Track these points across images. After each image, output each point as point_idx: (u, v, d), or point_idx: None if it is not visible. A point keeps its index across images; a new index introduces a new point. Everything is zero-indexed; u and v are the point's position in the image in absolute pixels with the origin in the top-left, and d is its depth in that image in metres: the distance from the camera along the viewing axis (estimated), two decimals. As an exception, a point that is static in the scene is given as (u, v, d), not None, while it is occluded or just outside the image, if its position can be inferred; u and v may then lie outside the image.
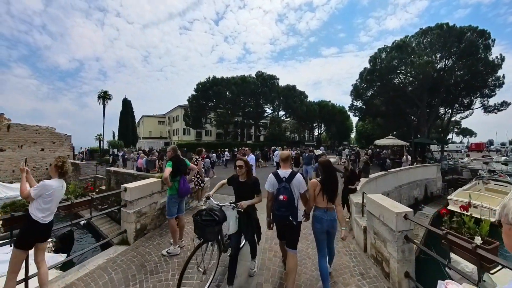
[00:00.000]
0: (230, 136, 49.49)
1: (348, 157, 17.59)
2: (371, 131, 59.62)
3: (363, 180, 8.78)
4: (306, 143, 46.86)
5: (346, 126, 65.20)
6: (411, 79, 27.46)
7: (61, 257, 7.03)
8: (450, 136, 35.98)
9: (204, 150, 15.71)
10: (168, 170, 4.75)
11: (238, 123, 46.89)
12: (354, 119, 70.27)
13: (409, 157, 18.60)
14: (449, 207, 13.19)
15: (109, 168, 18.01)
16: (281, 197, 3.44)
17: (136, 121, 62.11)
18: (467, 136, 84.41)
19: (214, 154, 20.41)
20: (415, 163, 19.39)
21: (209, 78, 38.07)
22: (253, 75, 39.71)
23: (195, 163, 8.02)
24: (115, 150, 31.73)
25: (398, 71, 26.48)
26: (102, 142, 45.60)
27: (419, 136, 29.65)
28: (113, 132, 53.54)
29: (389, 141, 24.15)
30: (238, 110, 41.98)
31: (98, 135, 46.18)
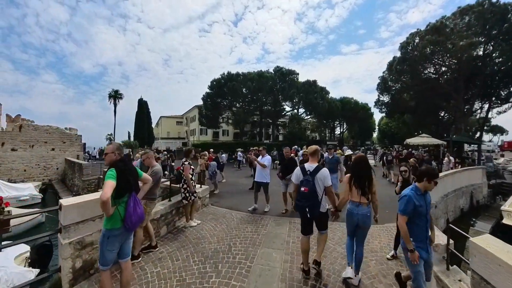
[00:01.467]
0: (247, 136, 47.86)
1: (383, 158, 15.30)
2: (395, 129, 56.14)
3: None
4: (328, 143, 43.96)
5: (369, 125, 62.16)
6: (447, 67, 24.35)
7: (31, 274, 6.46)
8: (478, 134, 32.47)
9: (211, 150, 13.72)
10: (108, 186, 2.70)
11: (256, 122, 44.98)
12: (377, 118, 67.06)
13: (451, 158, 15.75)
14: (505, 221, 10.57)
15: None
16: (302, 189, 3.68)
17: (155, 122, 62.72)
18: (498, 134, 77.80)
19: (224, 155, 18.25)
20: (456, 166, 16.60)
21: (224, 74, 36.05)
22: (271, 70, 37.48)
23: (182, 168, 6.05)
24: (129, 150, 30.84)
25: (434, 58, 23.39)
26: (112, 141, 44.23)
27: (450, 135, 26.60)
28: (128, 133, 53.75)
29: (423, 139, 21.13)
30: (256, 109, 39.81)
31: (108, 134, 46.33)
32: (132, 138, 48.11)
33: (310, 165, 3.81)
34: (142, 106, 48.97)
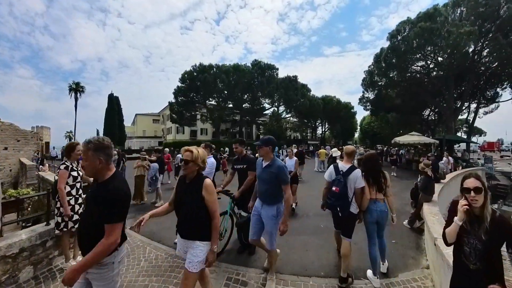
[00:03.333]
0: (226, 135, 45.60)
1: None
2: (378, 129, 55.35)
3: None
4: (309, 142, 42.15)
5: (351, 125, 60.79)
6: (437, 62, 22.59)
7: None
8: (460, 134, 31.40)
9: (166, 150, 11.61)
10: None
11: (236, 121, 42.59)
12: (359, 118, 66.21)
13: (450, 158, 13.89)
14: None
15: (38, 173, 14.43)
16: (333, 188, 3.67)
17: (132, 120, 59.85)
18: (476, 136, 79.75)
19: (179, 155, 15.36)
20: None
21: (196, 65, 32.78)
22: (249, 64, 34.72)
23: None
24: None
25: (426, 50, 21.47)
26: (72, 140, 40.89)
27: (438, 134, 25.26)
28: (97, 130, 50.90)
29: (413, 138, 19.19)
30: (235, 106, 37.33)
31: (68, 132, 42.71)
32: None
33: (344, 165, 3.81)
34: (113, 102, 46.77)
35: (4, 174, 22.86)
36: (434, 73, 23.60)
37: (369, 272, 3.76)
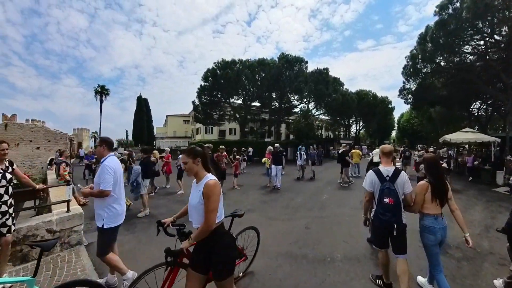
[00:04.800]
0: (254, 135, 43.98)
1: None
2: (418, 126, 50.58)
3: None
4: (342, 141, 38.69)
5: (388, 122, 55.83)
6: (498, 38, 18.51)
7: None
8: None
9: (167, 149, 10.25)
10: None
11: (265, 120, 40.58)
12: (396, 114, 61.11)
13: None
14: None
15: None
16: (386, 200, 3.10)
17: (163, 121, 64.86)
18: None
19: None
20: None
21: (218, 62, 30.87)
22: (276, 58, 32.01)
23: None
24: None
25: (484, 25, 17.61)
26: (97, 141, 41.89)
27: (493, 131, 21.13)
28: (126, 131, 52.27)
29: (467, 135, 15.64)
30: (263, 104, 35.11)
31: (93, 132, 43.77)
32: (130, 137, 46.61)
33: (387, 169, 3.29)
34: (141, 103, 48.34)
35: (36, 170, 25.07)
36: (492, 55, 19.69)
37: None
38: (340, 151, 12.86)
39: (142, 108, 48.29)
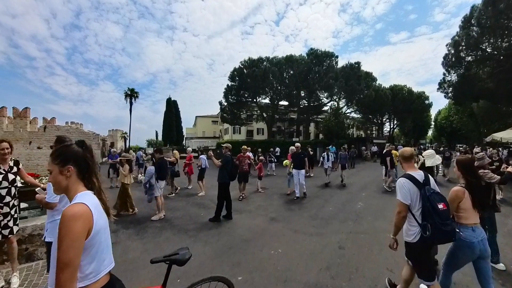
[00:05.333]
0: (282, 135, 43.07)
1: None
2: (458, 124, 46.70)
3: None
4: (375, 141, 36.44)
5: (424, 120, 52.07)
6: None
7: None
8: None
9: (189, 149, 10.11)
10: None
11: (293, 119, 39.56)
12: (433, 111, 56.92)
13: None
14: None
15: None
16: (440, 206, 2.47)
17: (193, 122, 66.74)
18: None
19: (204, 157, 11.46)
20: None
21: (245, 60, 30.27)
22: (304, 54, 31.05)
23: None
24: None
25: None
26: (126, 141, 45.22)
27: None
28: (156, 132, 54.56)
29: None
30: (292, 102, 34.06)
31: (123, 133, 45.39)
32: (160, 138, 47.95)
33: (417, 173, 2.76)
34: (171, 105, 50.46)
35: None
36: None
37: None
38: (384, 151, 11.62)
39: (171, 109, 49.90)
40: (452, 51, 22.36)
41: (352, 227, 5.81)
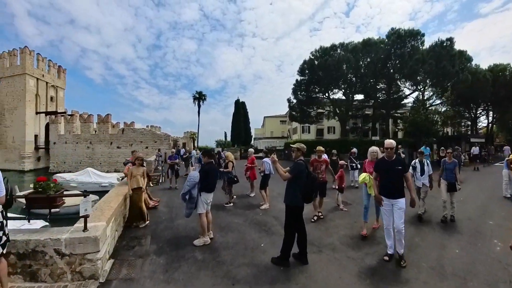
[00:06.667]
0: (356, 133, 39.01)
1: None
2: None
3: None
4: (472, 139, 29.16)
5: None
6: None
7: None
8: None
9: (251, 150, 8.05)
10: None
11: (368, 116, 35.73)
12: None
13: None
14: None
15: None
16: None
17: (262, 123, 68.30)
18: None
19: (266, 160, 8.63)
20: None
21: (316, 50, 27.38)
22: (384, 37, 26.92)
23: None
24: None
25: None
26: (194, 142, 46.55)
27: None
28: (225, 133, 55.94)
29: None
30: (367, 96, 30.41)
31: (192, 134, 46.94)
32: (229, 138, 48.62)
33: None
34: (239, 107, 50.84)
35: (149, 167, 29.99)
36: None
37: None
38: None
39: (240, 110, 50.14)
40: None
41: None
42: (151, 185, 12.55)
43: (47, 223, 9.06)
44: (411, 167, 6.77)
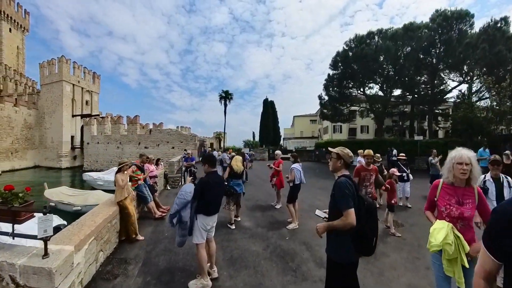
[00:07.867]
0: (392, 133, 35.68)
1: None
2: None
3: None
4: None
5: None
6: None
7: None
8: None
9: (279, 152, 6.95)
10: None
11: (406, 113, 32.51)
12: None
13: None
14: None
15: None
16: None
17: (291, 123, 67.01)
18: None
19: (296, 165, 6.33)
20: None
21: (350, 40, 25.19)
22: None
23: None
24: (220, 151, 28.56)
25: None
26: (221, 142, 46.06)
27: None
28: (253, 133, 55.40)
29: None
30: (405, 90, 27.21)
31: (218, 134, 46.55)
32: (257, 138, 51.10)
33: None
34: (267, 106, 50.06)
35: (173, 168, 30.07)
36: None
37: None
38: None
39: (268, 109, 49.27)
40: None
41: None
42: (169, 188, 11.60)
43: (64, 222, 8.55)
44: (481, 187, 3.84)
